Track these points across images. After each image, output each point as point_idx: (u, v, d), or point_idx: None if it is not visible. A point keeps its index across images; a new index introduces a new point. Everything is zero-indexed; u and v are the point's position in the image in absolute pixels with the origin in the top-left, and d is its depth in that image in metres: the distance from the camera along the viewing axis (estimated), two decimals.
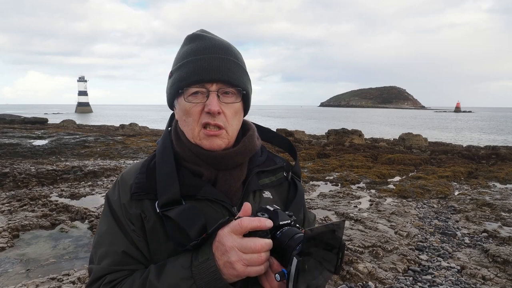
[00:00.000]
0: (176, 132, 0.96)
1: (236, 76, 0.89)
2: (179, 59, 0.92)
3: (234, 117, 0.91)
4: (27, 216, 5.20)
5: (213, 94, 0.87)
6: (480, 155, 12.78)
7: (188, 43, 0.92)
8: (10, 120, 26.64)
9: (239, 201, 0.92)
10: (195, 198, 0.87)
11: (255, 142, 0.99)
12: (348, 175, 9.12)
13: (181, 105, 0.90)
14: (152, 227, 0.86)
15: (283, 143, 1.12)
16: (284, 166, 1.06)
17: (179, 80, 0.88)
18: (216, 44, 0.90)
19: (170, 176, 0.87)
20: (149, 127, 28.23)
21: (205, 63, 0.86)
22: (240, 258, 0.71)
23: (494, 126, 51.11)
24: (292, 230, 0.73)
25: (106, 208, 0.93)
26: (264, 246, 0.72)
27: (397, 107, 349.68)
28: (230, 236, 0.73)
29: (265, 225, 0.73)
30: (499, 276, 3.79)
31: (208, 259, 0.75)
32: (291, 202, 1.01)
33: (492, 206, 6.39)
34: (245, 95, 0.93)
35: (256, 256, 0.71)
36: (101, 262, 0.86)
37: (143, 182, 0.89)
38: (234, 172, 0.93)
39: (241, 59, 0.95)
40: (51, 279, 3.48)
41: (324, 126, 35.34)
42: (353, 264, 3.87)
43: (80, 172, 8.35)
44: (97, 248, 0.89)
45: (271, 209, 0.78)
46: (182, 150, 0.92)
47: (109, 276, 0.84)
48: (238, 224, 0.73)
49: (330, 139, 17.38)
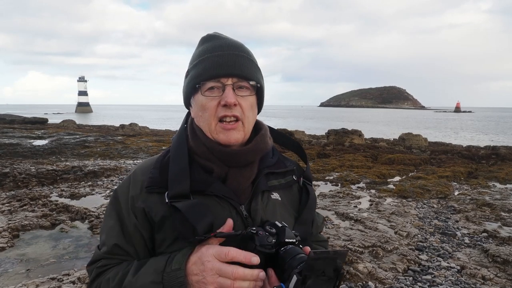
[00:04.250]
0: (192, 128, 0.98)
1: (250, 71, 0.93)
2: (195, 57, 0.96)
3: (250, 110, 0.94)
4: (27, 216, 5.20)
5: (229, 87, 0.90)
6: (480, 155, 12.78)
7: (203, 43, 0.97)
8: (10, 120, 26.65)
9: (248, 200, 0.93)
10: (204, 193, 0.89)
11: (267, 141, 1.00)
12: (348, 175, 9.12)
13: (198, 101, 0.93)
14: (161, 218, 0.88)
15: (294, 147, 1.14)
16: (294, 169, 1.07)
17: (196, 76, 0.92)
18: (230, 43, 0.94)
19: (182, 171, 0.89)
20: (149, 127, 28.24)
21: (221, 59, 0.90)
22: (214, 281, 0.74)
23: (494, 126, 51.12)
24: (295, 250, 0.75)
25: (112, 199, 0.96)
26: (241, 276, 0.73)
27: (397, 107, 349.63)
28: (211, 258, 0.76)
29: (249, 261, 0.74)
30: (499, 276, 3.80)
31: (179, 269, 0.77)
32: (303, 207, 1.02)
33: (492, 206, 6.40)
34: (259, 89, 0.96)
35: (229, 282, 0.73)
36: (101, 248, 0.94)
37: (156, 177, 0.92)
38: (244, 170, 0.94)
39: (254, 56, 0.98)
40: (51, 279, 3.48)
41: (324, 126, 35.33)
42: (353, 264, 3.87)
43: (80, 172, 8.35)
44: (100, 234, 0.97)
45: (280, 225, 0.80)
46: (196, 145, 0.94)
47: (103, 261, 0.91)
48: (225, 253, 0.75)
49: (330, 139, 17.38)
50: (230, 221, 0.83)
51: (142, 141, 15.84)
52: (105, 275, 0.89)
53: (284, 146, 1.14)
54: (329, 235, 4.73)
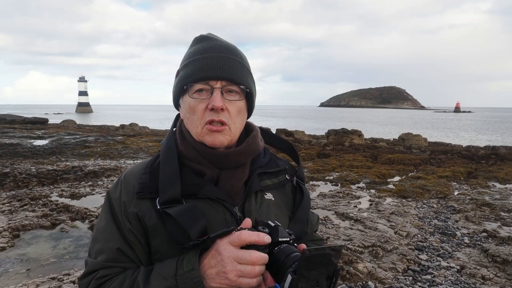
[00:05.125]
0: (181, 131, 0.97)
1: (240, 75, 0.91)
2: (186, 58, 0.94)
3: (238, 116, 0.92)
4: (28, 216, 5.21)
5: (217, 91, 0.88)
6: (480, 155, 12.78)
7: (195, 44, 0.95)
8: (11, 120, 26.63)
9: (241, 201, 0.92)
10: (196, 197, 0.87)
11: (258, 143, 0.99)
12: (348, 175, 9.13)
13: (186, 102, 0.92)
14: (154, 225, 0.86)
15: (285, 146, 1.13)
16: (286, 168, 1.06)
17: (185, 77, 0.90)
18: (222, 45, 0.92)
19: (173, 176, 0.88)
20: (149, 127, 28.25)
21: (211, 61, 0.88)
22: (234, 268, 0.72)
23: (494, 126, 51.12)
24: (289, 248, 0.74)
25: (106, 204, 0.94)
26: (259, 259, 0.72)
27: (396, 107, 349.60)
28: (227, 246, 0.74)
29: (263, 240, 0.73)
30: (499, 276, 3.80)
31: (193, 269, 0.75)
32: (298, 207, 1.02)
33: (491, 206, 6.40)
34: (249, 93, 0.94)
35: (250, 268, 0.72)
36: (97, 257, 0.88)
37: (146, 182, 0.90)
38: (236, 172, 0.93)
39: (246, 60, 0.97)
40: (52, 278, 3.49)
41: (324, 126, 35.34)
42: (353, 264, 3.87)
43: (81, 172, 8.36)
44: (94, 242, 0.91)
45: (272, 224, 0.79)
46: (186, 149, 0.93)
47: (102, 271, 0.85)
48: (237, 236, 0.74)
49: (330, 139, 17.38)
50: (248, 220, 0.81)
51: (142, 141, 15.85)
52: (106, 287, 0.83)
53: (276, 147, 1.13)
54: (329, 235, 4.74)
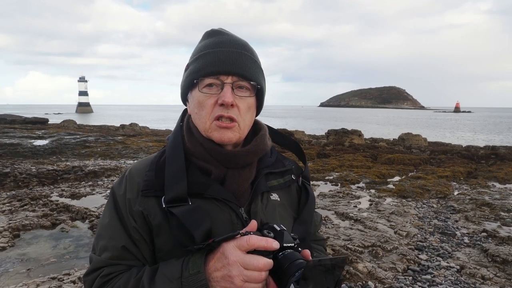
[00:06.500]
0: (188, 127, 0.94)
1: (251, 71, 0.89)
2: (197, 51, 0.92)
3: (247, 112, 0.91)
4: (28, 216, 5.21)
5: (228, 86, 0.86)
6: (480, 155, 12.78)
7: (206, 38, 0.93)
8: (11, 120, 26.64)
9: (247, 202, 0.90)
10: (202, 196, 0.86)
11: (266, 142, 0.98)
12: (347, 175, 9.13)
13: (195, 97, 0.90)
14: (158, 223, 0.85)
15: (292, 146, 1.12)
16: (292, 168, 1.05)
17: (195, 71, 0.88)
18: (234, 40, 0.91)
19: (179, 174, 0.86)
20: (149, 127, 28.26)
21: (222, 55, 0.87)
22: (240, 273, 0.71)
23: (494, 126, 51.12)
24: (294, 255, 0.73)
25: (110, 201, 0.92)
26: (266, 265, 0.71)
27: (396, 107, 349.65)
28: (234, 250, 0.73)
29: (271, 246, 0.72)
30: (498, 275, 3.81)
31: (198, 272, 0.74)
32: (303, 207, 1.01)
33: (491, 206, 6.40)
34: (259, 90, 0.92)
35: (257, 274, 0.71)
36: (101, 254, 0.87)
37: (152, 179, 0.88)
38: (243, 172, 0.91)
39: (257, 56, 0.95)
40: (52, 278, 3.49)
41: (324, 126, 35.34)
42: (353, 264, 3.88)
43: (81, 172, 8.36)
44: (98, 239, 0.89)
45: (278, 228, 0.78)
46: (193, 146, 0.91)
47: (107, 269, 0.85)
48: (246, 241, 0.72)
49: (330, 139, 17.38)
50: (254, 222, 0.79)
51: (143, 141, 15.85)
52: (111, 285, 0.82)
53: (283, 146, 1.12)
54: (329, 235, 4.74)
